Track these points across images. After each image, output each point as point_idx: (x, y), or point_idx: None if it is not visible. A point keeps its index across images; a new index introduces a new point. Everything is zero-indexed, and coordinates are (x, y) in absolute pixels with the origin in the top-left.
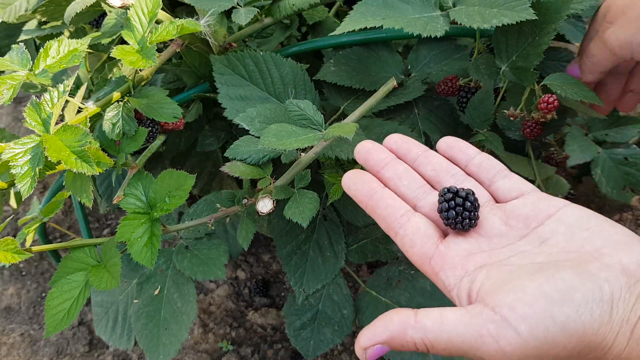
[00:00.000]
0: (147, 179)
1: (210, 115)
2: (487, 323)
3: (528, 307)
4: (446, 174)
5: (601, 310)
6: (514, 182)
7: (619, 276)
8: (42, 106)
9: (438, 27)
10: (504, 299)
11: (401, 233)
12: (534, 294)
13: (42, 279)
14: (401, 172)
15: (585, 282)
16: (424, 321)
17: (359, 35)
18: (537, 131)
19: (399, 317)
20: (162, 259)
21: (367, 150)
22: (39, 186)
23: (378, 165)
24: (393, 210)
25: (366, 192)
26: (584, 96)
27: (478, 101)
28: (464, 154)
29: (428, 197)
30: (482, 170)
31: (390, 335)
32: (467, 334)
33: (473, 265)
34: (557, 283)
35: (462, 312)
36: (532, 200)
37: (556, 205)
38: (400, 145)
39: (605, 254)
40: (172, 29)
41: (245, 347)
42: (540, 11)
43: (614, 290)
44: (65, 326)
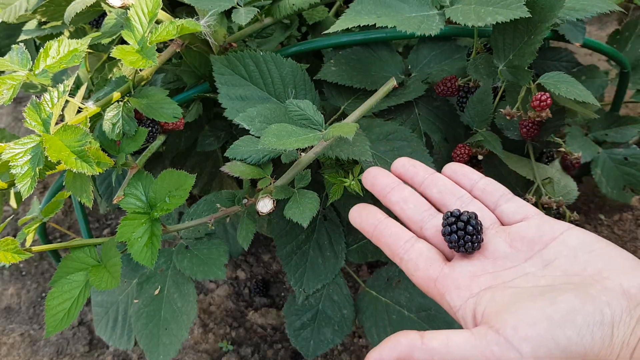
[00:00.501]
0: (147, 179)
1: (210, 115)
2: (491, 345)
3: (530, 329)
4: (452, 197)
5: (602, 333)
6: (519, 206)
7: (620, 299)
8: (42, 106)
9: (433, 25)
10: (508, 321)
11: (405, 258)
12: (536, 315)
13: (42, 279)
14: (407, 196)
15: (587, 305)
16: (430, 343)
17: (359, 35)
18: (534, 131)
19: (406, 339)
20: (162, 259)
21: (374, 176)
22: (39, 186)
23: (385, 190)
24: (397, 237)
25: (371, 223)
26: (578, 94)
27: (477, 100)
28: (468, 179)
29: (433, 220)
30: (487, 194)
31: (397, 356)
32: (472, 356)
33: (478, 287)
34: (559, 305)
35: (468, 335)
36: (537, 223)
37: (560, 228)
38: (407, 169)
39: (606, 277)
40: (172, 29)
41: (245, 347)
42: (534, 9)
43: (615, 313)
44: (65, 326)
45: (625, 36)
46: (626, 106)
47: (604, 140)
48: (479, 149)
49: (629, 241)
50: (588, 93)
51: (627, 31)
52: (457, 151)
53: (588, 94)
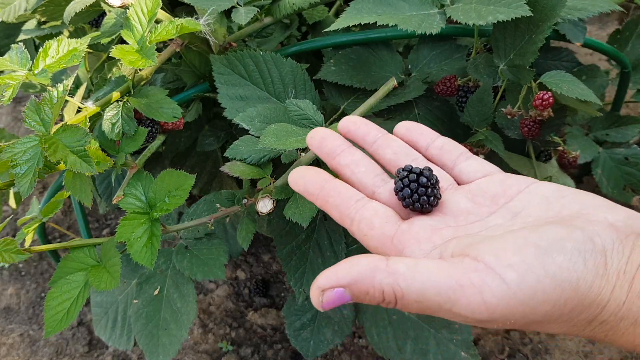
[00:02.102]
0: (146, 179)
1: (210, 115)
2: (469, 272)
3: (516, 255)
4: (406, 158)
5: (595, 261)
6: (479, 164)
7: (609, 230)
8: (42, 106)
9: (434, 24)
10: (488, 248)
11: (357, 217)
12: (521, 242)
13: (42, 279)
14: (358, 159)
15: (575, 233)
16: (396, 265)
17: (359, 34)
18: (535, 130)
19: (368, 260)
20: (161, 259)
21: (322, 137)
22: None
23: (334, 152)
24: (347, 197)
25: (317, 184)
26: (580, 93)
27: (477, 100)
28: (425, 137)
29: (387, 185)
30: (444, 153)
31: (355, 277)
32: (444, 284)
33: (441, 239)
34: (545, 233)
35: (441, 262)
36: (500, 178)
37: (526, 182)
38: (359, 127)
39: (587, 213)
40: (171, 29)
41: (245, 348)
42: (535, 8)
43: (606, 242)
44: (64, 326)
45: (626, 36)
46: (627, 106)
47: (604, 140)
48: (479, 149)
49: None
50: (590, 92)
51: (627, 31)
52: None
53: (590, 92)
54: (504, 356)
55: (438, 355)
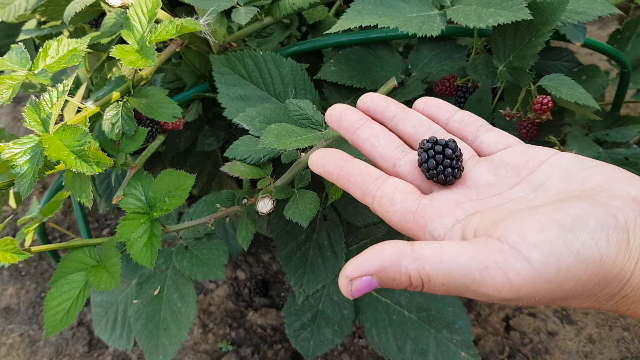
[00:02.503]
0: (146, 179)
1: (210, 115)
2: (494, 253)
3: (540, 234)
4: (427, 132)
5: (618, 237)
6: (499, 135)
7: (631, 204)
8: (42, 106)
9: (434, 26)
10: (510, 228)
11: (379, 194)
12: (544, 221)
13: (42, 279)
14: (378, 132)
15: (597, 210)
16: (422, 250)
17: (359, 34)
18: (534, 132)
19: (394, 246)
20: (161, 259)
21: (341, 112)
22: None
23: (353, 127)
24: (367, 175)
25: (336, 163)
26: (579, 97)
27: (476, 100)
28: (444, 111)
29: (407, 157)
30: (465, 126)
31: (382, 265)
32: (470, 265)
33: (463, 213)
34: (568, 211)
35: (465, 244)
36: (522, 149)
37: (547, 153)
38: (377, 103)
39: (610, 187)
40: (171, 29)
41: (245, 348)
42: (536, 12)
43: (629, 217)
44: (64, 326)
45: (626, 36)
46: (627, 106)
47: (604, 140)
48: None
49: None
50: (588, 96)
51: (627, 31)
52: None
53: (589, 96)
54: (504, 356)
55: (438, 355)
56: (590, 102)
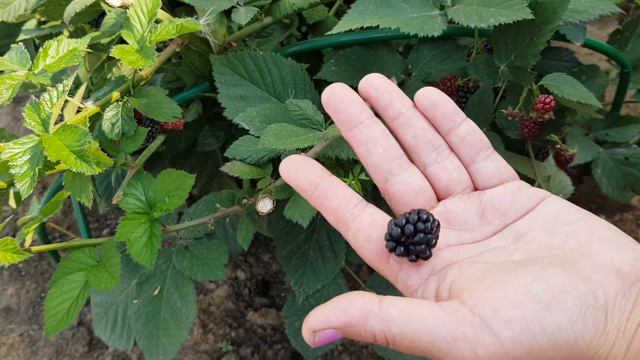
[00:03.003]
0: (146, 179)
1: (210, 115)
2: (464, 325)
3: (514, 310)
4: (427, 146)
5: (595, 319)
6: (496, 167)
7: (613, 278)
8: (42, 106)
9: (435, 26)
10: (485, 297)
11: (354, 226)
12: (520, 293)
13: (42, 279)
14: (378, 136)
15: (578, 285)
16: (389, 311)
17: (359, 34)
18: (536, 131)
19: (361, 302)
20: (161, 259)
21: (339, 99)
22: (39, 186)
23: (351, 122)
24: (344, 200)
25: (311, 180)
26: (581, 96)
27: (477, 100)
28: (448, 119)
29: (404, 174)
30: (465, 146)
31: (348, 321)
32: (438, 335)
33: (441, 263)
34: (547, 283)
35: (435, 308)
36: (513, 190)
37: (536, 199)
38: (380, 95)
39: (593, 252)
40: (171, 29)
41: (245, 348)
42: (537, 11)
43: (609, 295)
44: (64, 326)
45: (626, 36)
46: (627, 106)
47: (604, 140)
48: None
49: None
50: (591, 95)
51: (627, 31)
52: None
53: (591, 95)
54: None
55: None
56: (592, 101)
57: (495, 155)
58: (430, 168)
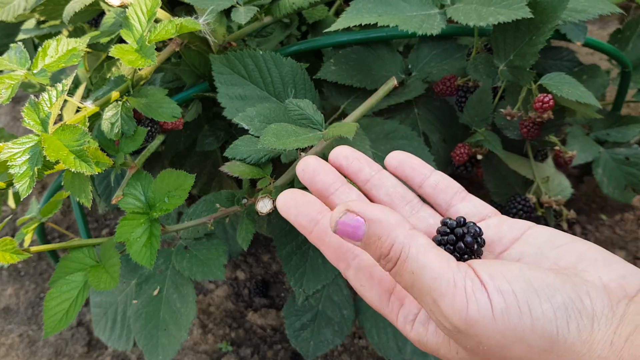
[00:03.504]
0: (146, 179)
1: (210, 114)
2: (467, 278)
3: (507, 283)
4: (401, 201)
5: (579, 324)
6: (473, 206)
7: (601, 293)
8: (41, 106)
9: (434, 25)
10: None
11: (355, 264)
12: (515, 272)
13: (41, 279)
14: (355, 198)
15: (566, 287)
16: (415, 233)
17: (359, 34)
18: (535, 131)
19: (397, 214)
20: (161, 259)
21: (314, 170)
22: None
23: (327, 191)
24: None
25: (312, 217)
26: (580, 96)
27: (476, 100)
28: (418, 174)
29: None
30: (438, 192)
31: (380, 218)
32: (444, 275)
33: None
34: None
35: (450, 258)
36: (495, 223)
37: (521, 227)
38: (350, 163)
39: (582, 270)
40: (171, 28)
41: (245, 348)
42: (536, 10)
43: (596, 306)
44: (63, 327)
45: (627, 35)
46: (627, 106)
47: (605, 140)
48: (478, 149)
49: (631, 241)
50: (589, 94)
51: (628, 30)
52: (457, 150)
53: (589, 95)
54: None
55: None
56: (591, 101)
57: (470, 196)
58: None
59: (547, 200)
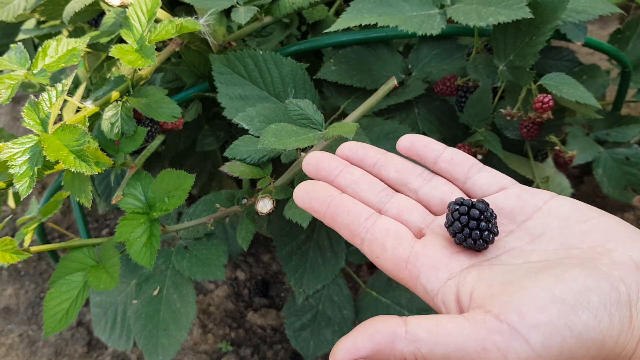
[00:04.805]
0: (146, 179)
1: (210, 114)
2: (493, 334)
3: (540, 314)
4: (411, 174)
5: (620, 315)
6: (492, 176)
7: (634, 274)
8: (41, 106)
9: (434, 25)
10: (510, 304)
11: (368, 237)
12: (545, 297)
13: (41, 279)
14: (358, 177)
15: (600, 282)
16: (416, 331)
17: (359, 34)
18: (535, 131)
19: (386, 327)
20: (161, 259)
21: (318, 160)
22: (38, 186)
23: (331, 174)
24: (355, 215)
25: (323, 200)
26: (579, 96)
27: (476, 100)
28: (431, 150)
29: (393, 199)
30: (455, 165)
31: (375, 347)
32: (468, 347)
33: (458, 265)
34: (569, 284)
35: (462, 321)
36: (516, 192)
37: (543, 197)
38: (355, 152)
39: (611, 249)
40: (171, 28)
41: (245, 348)
42: (537, 10)
43: (631, 290)
44: (63, 327)
45: (627, 35)
46: (627, 106)
47: (605, 140)
48: (478, 149)
49: None
50: (589, 95)
51: (628, 30)
52: None
53: (589, 95)
54: None
55: None
56: (590, 101)
57: (488, 167)
58: (421, 191)
59: None
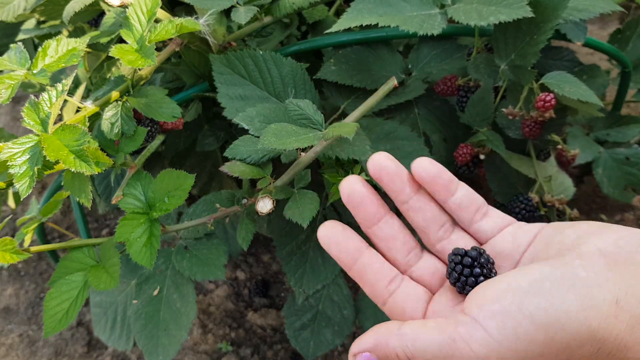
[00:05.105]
0: (146, 179)
1: (210, 114)
2: (458, 326)
3: (496, 302)
4: (435, 225)
5: (577, 294)
6: (494, 221)
7: (596, 259)
8: (41, 106)
9: (435, 25)
10: (475, 299)
11: (390, 301)
12: (502, 288)
13: (41, 279)
14: (396, 232)
15: (556, 270)
16: (404, 330)
17: (359, 34)
18: (537, 130)
19: (386, 327)
20: (161, 259)
21: (361, 200)
22: (38, 186)
23: (370, 221)
24: (380, 275)
25: (351, 254)
26: (581, 95)
27: (478, 100)
28: (446, 190)
29: (420, 262)
30: (462, 210)
31: (375, 343)
32: (442, 341)
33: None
34: (527, 275)
35: (441, 320)
36: (512, 232)
37: (534, 231)
38: (392, 179)
39: (580, 244)
40: (171, 28)
41: (245, 348)
42: (537, 9)
43: (592, 272)
44: (63, 327)
45: (627, 35)
46: (627, 106)
47: (605, 140)
48: (480, 148)
49: None
50: (591, 93)
51: (628, 30)
52: (459, 151)
53: (591, 93)
54: None
55: None
56: (592, 99)
57: (491, 210)
58: (439, 245)
59: (549, 200)
